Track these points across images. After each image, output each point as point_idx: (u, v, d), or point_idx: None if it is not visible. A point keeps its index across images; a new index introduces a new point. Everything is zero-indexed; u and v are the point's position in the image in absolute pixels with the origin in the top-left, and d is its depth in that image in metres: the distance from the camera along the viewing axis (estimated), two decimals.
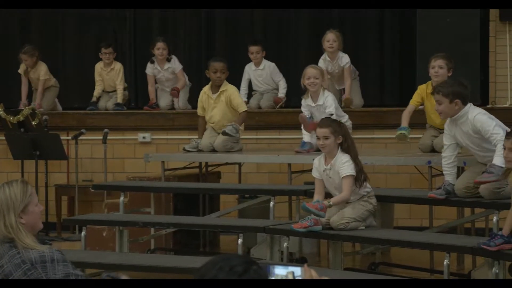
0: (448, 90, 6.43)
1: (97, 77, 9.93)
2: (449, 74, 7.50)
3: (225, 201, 8.91)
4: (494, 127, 6.33)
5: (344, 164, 6.55)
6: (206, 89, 8.37)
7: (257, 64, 9.51)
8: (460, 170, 7.05)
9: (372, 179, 7.10)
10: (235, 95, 8.30)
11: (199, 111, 8.43)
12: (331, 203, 6.49)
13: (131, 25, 10.50)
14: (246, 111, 8.35)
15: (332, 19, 9.77)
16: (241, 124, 8.29)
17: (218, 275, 2.50)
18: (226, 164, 8.73)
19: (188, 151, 8.31)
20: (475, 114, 6.45)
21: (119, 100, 9.81)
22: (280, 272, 2.87)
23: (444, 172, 6.67)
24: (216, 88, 8.28)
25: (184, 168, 8.64)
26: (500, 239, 5.76)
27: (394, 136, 8.81)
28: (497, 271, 5.86)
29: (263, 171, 9.41)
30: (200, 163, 8.61)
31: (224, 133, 8.13)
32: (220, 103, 8.26)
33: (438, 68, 7.45)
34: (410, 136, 8.32)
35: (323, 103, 7.83)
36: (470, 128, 6.45)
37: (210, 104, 8.29)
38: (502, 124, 6.47)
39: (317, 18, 9.89)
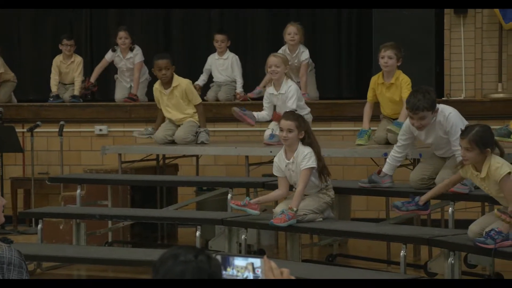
0: (430, 103, 6.31)
1: (54, 70, 9.84)
2: (398, 64, 7.53)
3: (183, 193, 8.90)
4: (457, 139, 6.27)
5: (305, 157, 6.57)
6: (157, 85, 8.27)
7: (221, 54, 9.50)
8: (415, 162, 7.12)
9: (329, 171, 7.12)
10: (190, 89, 8.25)
11: (158, 105, 8.38)
12: (294, 209, 6.51)
13: (87, 17, 10.41)
14: (201, 103, 8.32)
15: (289, 11, 9.78)
16: (204, 119, 8.27)
17: (173, 267, 2.52)
18: (184, 156, 8.71)
19: (138, 137, 8.35)
20: (448, 114, 6.42)
21: (76, 93, 9.74)
22: (240, 263, 2.87)
23: (388, 162, 6.70)
24: (167, 84, 8.21)
25: (142, 160, 8.61)
26: (498, 236, 5.62)
27: (351, 128, 8.93)
28: (452, 261, 5.93)
29: (221, 164, 9.41)
30: (158, 155, 8.59)
31: (203, 143, 8.12)
32: (174, 98, 8.21)
33: (387, 58, 7.49)
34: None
35: (285, 92, 7.82)
36: (442, 128, 6.43)
37: (164, 100, 8.24)
38: (465, 121, 6.49)
39: (275, 11, 9.90)
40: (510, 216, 5.21)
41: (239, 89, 9.39)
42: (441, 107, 6.48)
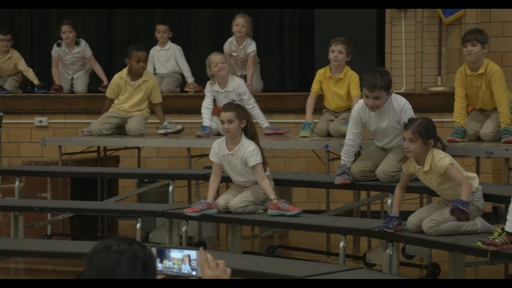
0: (386, 83, 6.35)
1: None
2: (348, 59, 7.60)
3: (124, 185, 8.84)
4: None
5: (252, 153, 6.59)
6: (124, 75, 8.21)
7: (163, 45, 9.46)
8: (356, 154, 7.17)
9: (271, 163, 7.16)
10: (156, 87, 8.30)
11: (111, 94, 8.30)
12: (272, 197, 6.52)
13: (28, 11, 10.26)
14: (161, 103, 8.32)
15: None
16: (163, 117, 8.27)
17: (107, 257, 2.52)
18: (125, 148, 8.66)
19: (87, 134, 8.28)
20: (403, 104, 6.45)
21: (36, 82, 9.58)
22: (176, 255, 2.87)
23: (344, 157, 6.73)
24: (136, 76, 8.18)
25: (82, 152, 8.53)
26: (396, 221, 5.89)
27: (293, 120, 8.96)
28: (390, 252, 6.00)
29: (163, 156, 9.38)
30: (98, 147, 8.52)
31: (166, 134, 8.10)
32: (139, 92, 8.18)
33: (337, 52, 7.54)
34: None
35: (232, 89, 7.83)
36: (396, 116, 6.45)
37: (128, 90, 8.19)
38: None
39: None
40: (495, 244, 5.26)
41: (190, 79, 9.34)
42: (395, 95, 6.55)
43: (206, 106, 7.95)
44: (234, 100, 7.62)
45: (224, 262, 2.80)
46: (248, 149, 6.60)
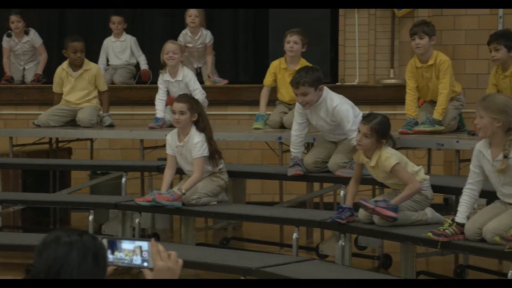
0: (312, 78, 6.42)
1: None
2: (303, 50, 7.61)
3: (77, 177, 8.78)
4: (352, 124, 6.34)
5: (196, 145, 6.59)
6: (65, 66, 8.22)
7: (118, 36, 9.39)
8: (309, 146, 7.20)
9: (224, 155, 7.16)
10: (99, 74, 8.30)
11: (56, 88, 8.28)
12: (183, 191, 6.53)
13: None
14: (107, 91, 8.28)
15: None
16: (108, 105, 8.22)
17: (57, 249, 2.51)
18: (78, 140, 8.60)
19: (38, 125, 8.22)
20: (335, 105, 6.48)
21: None
22: (127, 247, 2.86)
23: (293, 149, 6.77)
24: (77, 66, 8.18)
25: (34, 144, 8.45)
26: (348, 212, 5.94)
27: (247, 112, 8.97)
28: (343, 243, 6.04)
29: (116, 147, 9.33)
30: (50, 138, 8.45)
31: (110, 126, 8.06)
32: (82, 81, 8.19)
33: (293, 43, 7.56)
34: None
35: (182, 79, 7.83)
36: (328, 116, 6.51)
37: (70, 81, 8.18)
38: (355, 108, 6.58)
39: None
40: (445, 235, 5.32)
41: (144, 66, 9.29)
42: (330, 94, 6.57)
43: (160, 98, 7.93)
44: (196, 89, 7.62)
45: (176, 253, 2.80)
46: (194, 141, 6.60)
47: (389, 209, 5.66)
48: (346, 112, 6.47)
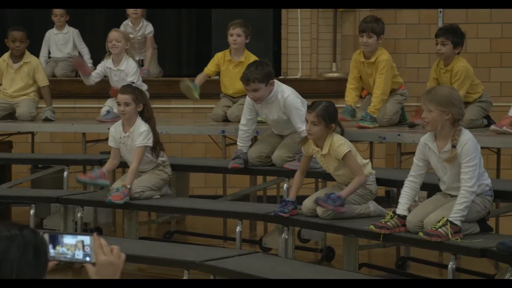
0: (262, 74, 6.40)
1: None
2: (247, 41, 7.62)
3: (17, 171, 8.66)
4: (301, 116, 6.34)
5: (142, 134, 6.56)
6: (6, 57, 8.15)
7: (60, 28, 9.28)
8: (253, 140, 7.21)
9: (168, 148, 7.14)
10: (39, 68, 8.19)
11: None
12: (128, 186, 6.49)
13: None
14: (48, 85, 8.18)
15: None
16: (51, 100, 8.12)
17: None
18: (19, 133, 8.48)
19: None
20: (287, 96, 6.50)
21: None
22: (69, 241, 2.83)
23: (239, 143, 6.78)
24: (17, 58, 8.09)
25: None
26: (291, 206, 5.96)
27: (190, 105, 8.94)
28: (286, 236, 6.07)
29: (58, 141, 9.23)
30: None
31: (47, 119, 7.94)
32: (21, 74, 8.10)
33: (236, 36, 7.56)
34: (206, 106, 8.43)
35: (124, 69, 7.77)
36: (281, 108, 6.52)
37: (10, 73, 8.09)
38: (304, 102, 6.60)
39: None
40: (387, 227, 5.36)
41: (87, 60, 9.18)
42: (281, 87, 6.59)
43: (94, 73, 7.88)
44: (133, 83, 7.57)
45: (118, 248, 2.78)
46: (140, 129, 6.58)
47: (342, 205, 5.71)
48: (297, 103, 6.49)
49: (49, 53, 9.31)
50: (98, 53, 8.41)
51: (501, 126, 6.29)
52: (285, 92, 6.52)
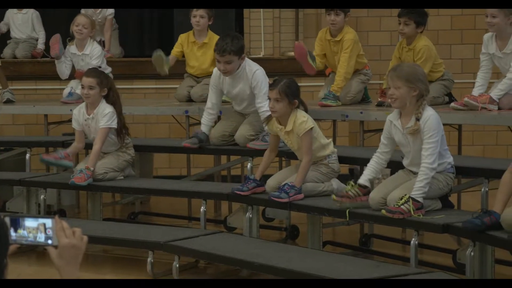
0: (237, 47, 6.40)
1: None
2: (210, 23, 7.59)
3: None
4: (264, 95, 6.33)
5: (105, 116, 6.54)
6: None
7: (20, 8, 9.17)
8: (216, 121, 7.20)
9: (131, 129, 7.11)
10: None
11: None
12: (91, 168, 6.48)
13: None
14: (0, 66, 8.09)
15: None
16: (6, 81, 8.03)
17: None
18: None
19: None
20: (255, 70, 6.51)
21: None
22: (31, 224, 2.82)
23: (203, 120, 6.79)
24: None
25: None
26: (253, 183, 5.98)
27: (153, 86, 8.91)
28: (250, 215, 6.09)
29: (19, 123, 9.15)
30: None
31: (8, 101, 7.86)
32: None
33: (199, 17, 7.53)
34: (169, 86, 8.40)
35: (89, 53, 7.72)
36: (247, 82, 6.51)
37: None
38: (268, 80, 6.60)
39: None
40: (348, 197, 5.40)
41: (40, 45, 9.10)
42: (249, 62, 6.60)
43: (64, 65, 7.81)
44: (100, 67, 7.52)
45: (81, 230, 2.77)
46: (104, 111, 6.55)
47: (298, 193, 5.74)
48: (263, 79, 6.50)
49: (9, 32, 9.19)
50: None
51: (461, 105, 6.34)
52: (253, 67, 6.55)
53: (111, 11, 8.82)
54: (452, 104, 6.45)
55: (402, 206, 5.15)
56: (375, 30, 9.28)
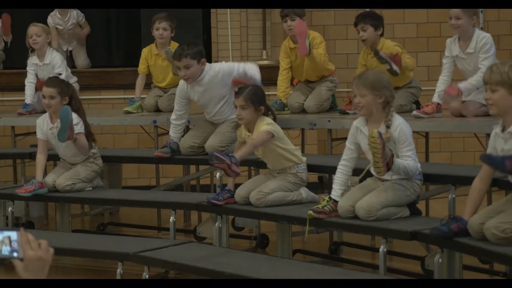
0: (194, 51, 6.44)
1: None
2: (172, 35, 7.61)
3: None
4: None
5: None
6: None
7: None
8: (185, 129, 7.20)
9: (99, 140, 7.09)
10: None
11: None
12: (41, 180, 6.48)
13: None
14: None
15: None
16: None
17: None
18: None
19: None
20: (219, 68, 6.55)
21: None
22: None
23: (171, 132, 6.79)
24: None
25: None
26: (227, 193, 5.98)
27: (121, 96, 8.88)
28: (220, 225, 6.08)
29: None
30: None
31: None
32: None
33: (162, 30, 7.55)
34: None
35: (50, 62, 7.69)
36: (216, 83, 6.53)
37: None
38: None
39: None
40: (324, 212, 5.42)
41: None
42: (213, 65, 6.63)
43: (29, 81, 7.78)
44: (60, 74, 7.49)
45: (47, 242, 2.75)
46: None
47: (237, 165, 5.73)
48: (230, 65, 6.50)
49: None
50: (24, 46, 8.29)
51: (423, 113, 6.39)
52: (217, 66, 6.58)
53: (81, 14, 8.79)
54: (414, 112, 6.50)
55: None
56: (342, 38, 9.32)
